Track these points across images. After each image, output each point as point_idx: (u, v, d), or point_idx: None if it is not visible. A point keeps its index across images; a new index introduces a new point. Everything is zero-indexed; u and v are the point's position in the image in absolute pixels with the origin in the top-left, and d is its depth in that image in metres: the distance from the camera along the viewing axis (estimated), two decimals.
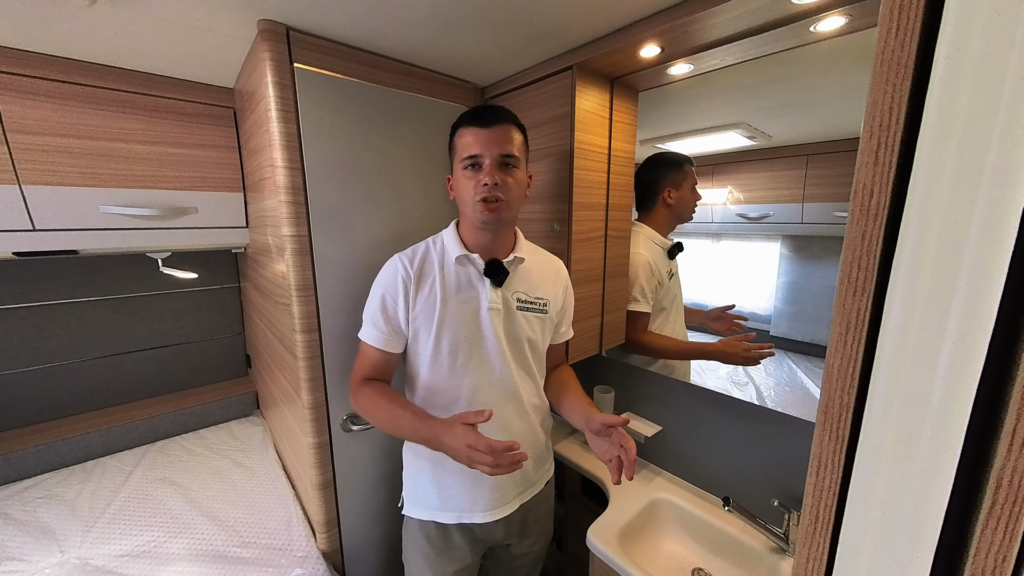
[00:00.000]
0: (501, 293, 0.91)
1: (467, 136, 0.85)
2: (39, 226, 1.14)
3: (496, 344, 0.90)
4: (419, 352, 0.91)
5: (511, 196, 0.85)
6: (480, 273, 0.91)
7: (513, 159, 0.85)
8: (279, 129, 0.95)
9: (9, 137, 1.08)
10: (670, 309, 1.23)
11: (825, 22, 0.80)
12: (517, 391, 0.94)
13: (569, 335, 1.07)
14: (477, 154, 0.83)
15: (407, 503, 0.99)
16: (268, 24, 0.91)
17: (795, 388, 1.04)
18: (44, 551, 1.07)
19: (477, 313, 0.90)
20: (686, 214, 1.17)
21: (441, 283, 0.89)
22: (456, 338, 0.89)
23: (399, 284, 0.88)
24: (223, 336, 1.86)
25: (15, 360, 1.44)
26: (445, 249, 0.92)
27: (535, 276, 0.96)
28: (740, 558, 1.01)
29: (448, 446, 0.75)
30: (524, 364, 0.95)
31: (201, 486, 1.34)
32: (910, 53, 0.25)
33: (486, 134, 0.83)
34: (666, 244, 1.20)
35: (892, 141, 0.27)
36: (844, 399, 0.30)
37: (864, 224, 0.28)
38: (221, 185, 1.42)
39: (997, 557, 0.25)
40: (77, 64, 1.13)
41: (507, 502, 0.95)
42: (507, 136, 0.84)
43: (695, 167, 1.15)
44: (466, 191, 0.86)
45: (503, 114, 0.86)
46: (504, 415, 0.92)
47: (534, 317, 0.95)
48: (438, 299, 0.88)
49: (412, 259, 0.90)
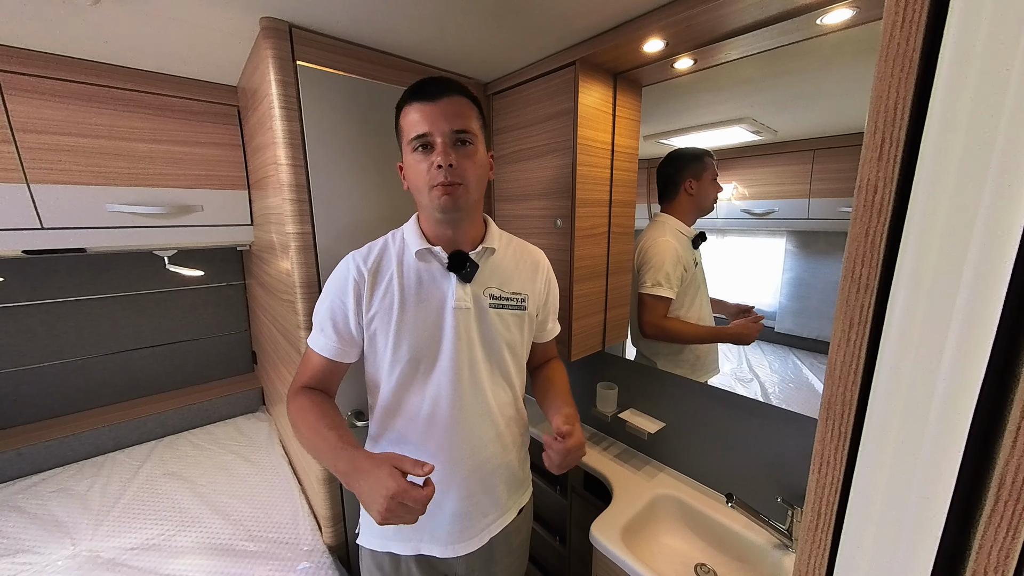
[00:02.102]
0: (470, 289, 0.80)
1: (412, 113, 0.73)
2: (47, 224, 1.15)
3: (466, 348, 0.79)
4: (377, 361, 0.80)
5: (470, 178, 0.74)
6: (443, 268, 0.80)
7: (468, 135, 0.74)
8: (282, 127, 0.95)
9: (17, 136, 1.09)
10: (695, 296, 1.24)
11: (832, 14, 0.78)
12: (488, 403, 0.83)
13: (556, 331, 0.99)
14: (425, 132, 0.72)
15: (362, 531, 0.88)
16: (270, 22, 0.91)
17: (800, 384, 1.04)
18: (56, 544, 1.09)
19: (441, 314, 0.79)
20: (707, 204, 1.17)
21: (399, 282, 0.78)
22: (417, 343, 0.78)
23: (349, 287, 0.78)
24: (229, 333, 1.88)
25: (26, 357, 1.46)
26: (405, 243, 0.82)
27: (509, 268, 0.86)
28: (743, 554, 1.01)
29: (363, 490, 0.61)
30: (500, 370, 0.84)
31: (209, 481, 1.36)
32: (915, 47, 0.25)
33: (434, 109, 0.72)
34: (691, 233, 1.21)
35: (897, 136, 0.26)
36: (847, 396, 0.30)
37: (868, 220, 0.28)
38: (226, 183, 1.43)
39: (1000, 555, 0.25)
40: (83, 63, 1.14)
41: (474, 535, 0.84)
42: (459, 109, 0.73)
43: (715, 159, 1.14)
44: (418, 177, 0.74)
45: (451, 85, 0.74)
46: (473, 431, 0.81)
47: (510, 315, 0.84)
48: (395, 300, 0.77)
49: (367, 257, 0.80)
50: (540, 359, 1.00)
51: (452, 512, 0.81)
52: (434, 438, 0.80)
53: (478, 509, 0.84)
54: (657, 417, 1.29)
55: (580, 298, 1.17)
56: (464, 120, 0.74)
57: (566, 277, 1.15)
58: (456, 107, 0.73)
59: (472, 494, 0.83)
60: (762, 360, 1.10)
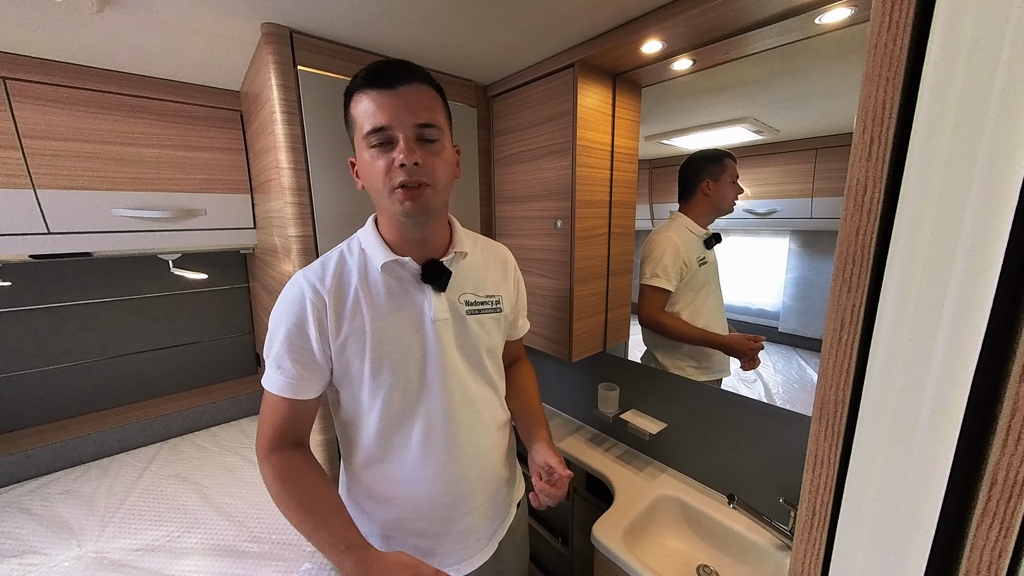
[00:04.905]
0: (445, 298, 0.74)
1: (367, 103, 0.63)
2: (53, 229, 1.17)
3: (450, 361, 0.73)
4: (353, 393, 0.71)
5: (438, 178, 0.66)
6: (416, 279, 0.72)
7: (434, 130, 0.65)
8: (283, 131, 0.96)
9: (24, 142, 1.11)
10: (696, 295, 1.24)
11: (830, 14, 0.78)
12: (480, 412, 0.78)
13: (526, 328, 0.95)
14: (384, 126, 0.62)
15: None
16: (272, 28, 0.92)
17: (804, 385, 1.03)
18: (63, 545, 1.10)
19: (420, 329, 0.71)
20: (725, 205, 1.17)
21: (368, 300, 0.69)
22: (403, 365, 0.70)
23: (308, 314, 0.67)
24: (233, 335, 1.89)
25: (33, 360, 1.48)
26: (366, 256, 0.72)
27: (480, 270, 0.80)
28: (746, 555, 1.01)
29: None
30: (484, 377, 0.80)
31: (213, 482, 1.36)
32: (902, 46, 0.25)
33: (394, 99, 0.62)
34: (701, 233, 1.21)
35: (885, 136, 0.26)
36: (839, 396, 0.30)
37: (858, 220, 0.28)
38: (229, 187, 1.44)
39: (993, 553, 0.25)
40: (87, 70, 1.16)
41: (484, 545, 0.80)
42: (423, 100, 0.64)
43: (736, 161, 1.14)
44: (376, 177, 0.65)
45: (414, 71, 0.65)
46: (470, 444, 0.77)
47: (488, 319, 0.79)
48: (367, 321, 0.68)
49: (322, 276, 0.69)
50: (509, 359, 0.95)
51: (462, 530, 0.77)
52: (432, 461, 0.74)
53: (485, 518, 0.80)
54: (659, 418, 1.29)
55: (581, 299, 1.17)
56: (430, 112, 0.64)
57: (567, 278, 1.15)
58: (420, 97, 0.64)
59: (479, 506, 0.79)
60: (766, 360, 1.10)
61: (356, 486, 0.77)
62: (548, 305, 1.23)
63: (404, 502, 0.74)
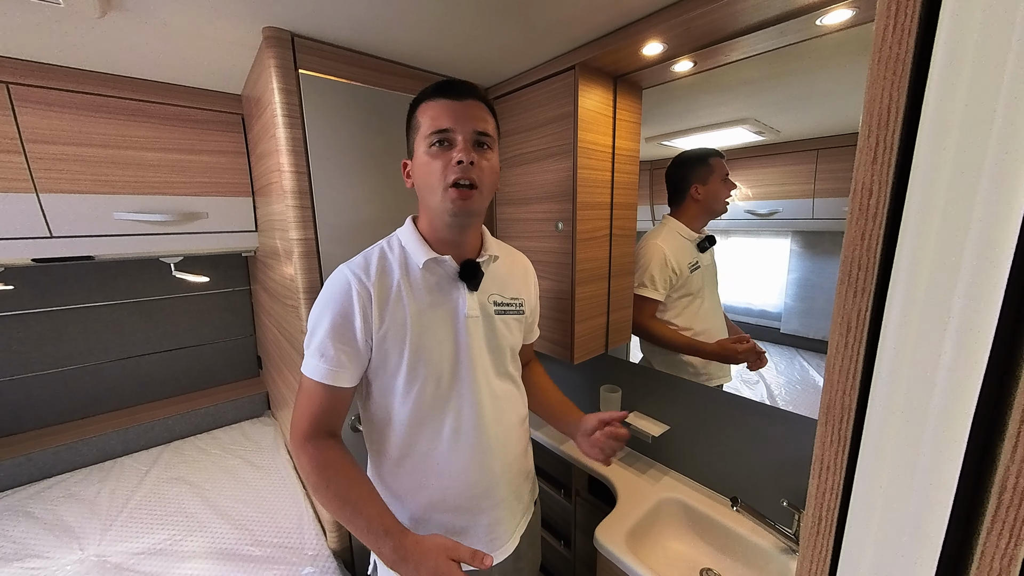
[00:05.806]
0: (476, 297, 0.79)
1: (435, 109, 0.71)
2: (56, 233, 1.17)
3: (478, 357, 0.78)
4: (387, 383, 0.74)
5: (485, 182, 0.73)
6: (452, 277, 0.77)
7: (488, 139, 0.73)
8: (285, 134, 0.96)
9: (27, 147, 1.11)
10: (691, 302, 1.23)
11: (831, 15, 0.78)
12: (504, 408, 0.82)
13: (538, 333, 1.02)
14: (448, 128, 0.70)
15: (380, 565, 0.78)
16: (273, 31, 0.92)
17: (807, 386, 1.03)
18: (65, 548, 1.10)
19: (454, 324, 0.76)
20: (717, 207, 1.15)
21: (409, 295, 0.74)
22: (437, 358, 0.74)
23: (355, 302, 0.70)
24: (235, 338, 1.90)
25: (36, 363, 1.48)
26: (407, 253, 0.77)
27: (505, 274, 0.87)
28: (749, 558, 1.00)
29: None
30: (507, 373, 0.85)
31: (215, 485, 1.36)
32: (908, 49, 0.25)
33: (459, 107, 0.71)
34: (693, 237, 1.20)
35: (891, 139, 0.26)
36: (846, 400, 0.30)
37: (864, 223, 0.28)
38: (231, 190, 1.44)
39: (1003, 561, 0.25)
40: (90, 75, 1.16)
41: (507, 540, 0.83)
42: (481, 113, 0.73)
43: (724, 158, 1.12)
44: (432, 174, 0.71)
45: (475, 90, 0.74)
46: (497, 439, 0.80)
47: (512, 320, 0.85)
48: (408, 315, 0.72)
49: (367, 269, 0.73)
50: (523, 360, 0.99)
51: (487, 524, 0.80)
52: (461, 455, 0.77)
53: (509, 513, 0.83)
54: (661, 420, 1.28)
55: (582, 301, 1.17)
56: (485, 124, 0.73)
57: (568, 280, 1.15)
58: (479, 111, 0.73)
59: (503, 500, 0.82)
60: (768, 361, 1.10)
61: (384, 479, 0.79)
62: (550, 307, 1.22)
63: (434, 493, 0.77)
